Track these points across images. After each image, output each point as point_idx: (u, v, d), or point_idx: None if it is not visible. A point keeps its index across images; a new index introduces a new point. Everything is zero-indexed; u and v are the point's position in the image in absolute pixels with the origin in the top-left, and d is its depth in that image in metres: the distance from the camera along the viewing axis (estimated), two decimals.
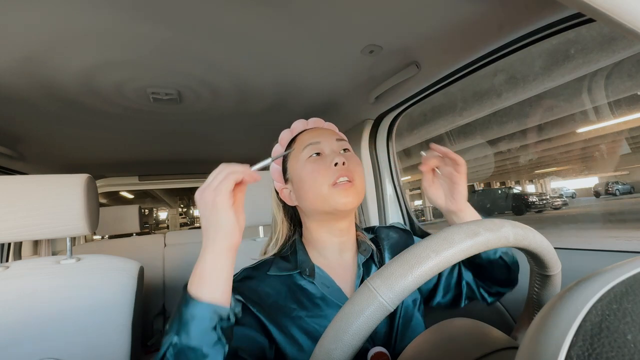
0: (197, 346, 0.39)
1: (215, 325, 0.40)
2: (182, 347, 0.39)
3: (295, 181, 0.63)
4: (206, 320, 0.40)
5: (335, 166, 0.58)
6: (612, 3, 0.35)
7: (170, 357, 0.39)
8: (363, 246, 0.67)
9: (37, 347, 0.86)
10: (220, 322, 0.41)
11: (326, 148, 0.63)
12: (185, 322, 0.40)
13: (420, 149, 4.66)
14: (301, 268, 0.61)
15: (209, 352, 0.39)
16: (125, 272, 1.01)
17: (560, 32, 0.71)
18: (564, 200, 11.26)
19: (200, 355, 0.39)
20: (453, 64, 0.91)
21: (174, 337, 0.40)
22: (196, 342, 0.39)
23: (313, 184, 0.59)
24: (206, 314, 0.40)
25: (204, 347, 0.39)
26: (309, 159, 0.61)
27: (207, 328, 0.40)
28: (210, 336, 0.40)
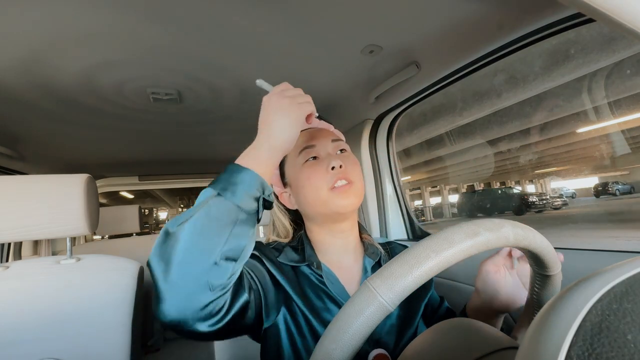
0: (240, 205, 0.41)
1: (259, 196, 0.43)
2: (223, 203, 0.40)
3: (293, 186, 0.63)
4: (253, 187, 0.42)
5: (333, 170, 0.58)
6: (612, 3, 0.35)
7: (209, 209, 0.40)
8: (371, 249, 0.66)
9: (37, 347, 0.86)
10: (262, 193, 0.43)
11: (322, 151, 0.62)
12: (234, 183, 0.42)
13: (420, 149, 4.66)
14: (309, 261, 0.61)
15: (244, 216, 0.41)
16: (125, 272, 1.01)
17: (560, 32, 0.71)
18: (564, 200, 11.28)
19: (236, 215, 0.40)
20: (453, 64, 0.91)
21: (216, 195, 0.41)
22: (240, 202, 0.41)
23: (311, 189, 0.59)
24: (254, 182, 0.42)
25: (243, 210, 0.41)
26: (306, 164, 0.61)
27: (251, 195, 0.42)
28: (251, 203, 0.42)
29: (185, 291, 0.37)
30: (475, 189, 15.75)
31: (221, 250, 0.39)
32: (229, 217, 0.40)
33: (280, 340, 0.55)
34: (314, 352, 0.31)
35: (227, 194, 0.41)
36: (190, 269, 0.37)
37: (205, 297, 0.38)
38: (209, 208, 0.40)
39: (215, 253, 0.38)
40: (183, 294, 0.37)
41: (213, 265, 0.38)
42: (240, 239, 0.41)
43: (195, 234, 0.38)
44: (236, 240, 0.40)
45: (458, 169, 12.25)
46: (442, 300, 0.71)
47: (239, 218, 0.41)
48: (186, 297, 0.37)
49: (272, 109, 0.49)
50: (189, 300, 0.37)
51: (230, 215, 0.40)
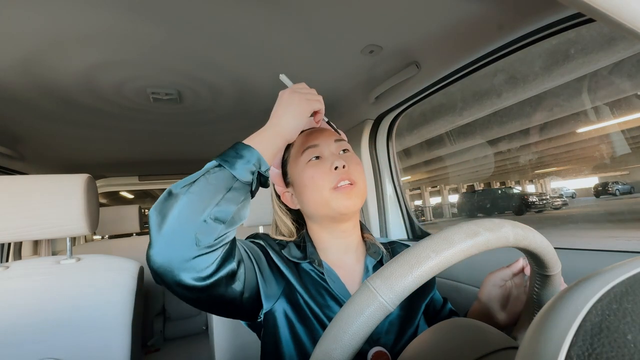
0: (235, 175, 0.46)
1: (255, 171, 0.48)
2: (221, 172, 0.45)
3: (296, 185, 0.63)
4: (251, 162, 0.47)
5: (336, 170, 0.58)
6: (612, 3, 0.35)
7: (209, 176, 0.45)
8: (373, 248, 0.66)
9: (37, 347, 0.86)
10: (259, 169, 0.48)
11: (325, 151, 0.62)
12: (234, 156, 0.47)
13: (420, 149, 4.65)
14: (310, 259, 0.61)
15: (238, 185, 0.46)
16: (125, 272, 1.01)
17: (560, 32, 0.71)
18: (564, 200, 11.27)
19: (231, 183, 0.45)
20: (453, 64, 0.91)
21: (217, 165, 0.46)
22: (236, 173, 0.46)
23: (314, 189, 0.59)
24: (253, 157, 0.48)
25: (238, 180, 0.46)
26: (309, 163, 0.61)
27: (248, 168, 0.47)
28: (247, 175, 0.47)
29: (174, 242, 0.41)
30: (475, 189, 15.75)
31: (212, 211, 0.43)
32: (224, 183, 0.45)
33: (279, 331, 0.55)
34: (314, 352, 0.31)
35: (227, 165, 0.46)
36: (181, 223, 0.42)
37: (190, 251, 0.41)
38: (209, 175, 0.45)
39: (206, 212, 0.43)
40: (171, 244, 0.41)
41: (202, 222, 0.42)
42: (230, 204, 0.45)
43: (193, 195, 0.43)
44: (227, 204, 0.44)
45: (458, 169, 12.25)
46: (445, 301, 0.70)
47: (233, 186, 0.45)
48: (173, 247, 0.41)
49: (283, 101, 0.55)
50: (176, 250, 0.41)
51: (226, 182, 0.45)
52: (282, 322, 0.55)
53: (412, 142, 7.19)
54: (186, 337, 2.08)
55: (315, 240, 0.65)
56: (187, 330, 2.10)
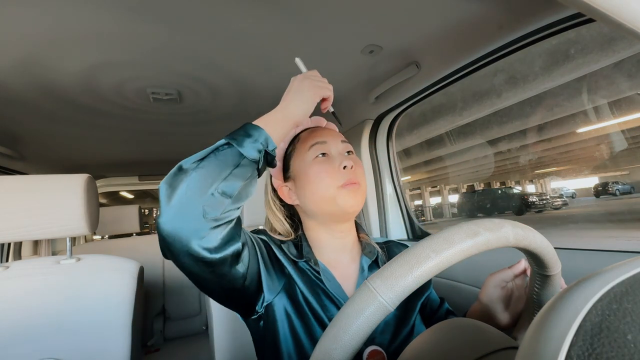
0: (243, 153, 0.47)
1: (262, 150, 0.49)
2: (229, 150, 0.47)
3: (299, 180, 0.63)
4: (259, 141, 0.49)
5: (344, 169, 0.59)
6: (612, 3, 0.35)
7: (217, 152, 0.47)
8: (368, 248, 0.66)
9: (37, 347, 0.86)
10: (266, 148, 0.50)
11: (332, 149, 0.63)
12: (242, 135, 0.49)
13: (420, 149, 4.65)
14: (306, 258, 0.62)
15: (245, 162, 0.48)
16: (125, 272, 1.01)
17: (560, 32, 0.71)
18: (564, 200, 11.27)
19: (238, 159, 0.47)
20: (453, 64, 0.91)
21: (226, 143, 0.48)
22: (243, 150, 0.47)
23: (320, 185, 0.59)
24: (261, 137, 0.49)
25: (245, 157, 0.47)
26: (316, 159, 0.61)
27: (255, 147, 0.48)
28: (254, 154, 0.48)
29: (182, 212, 0.43)
30: (475, 189, 15.75)
31: (219, 185, 0.45)
32: (232, 160, 0.47)
33: (277, 326, 0.55)
34: (314, 352, 0.31)
35: (236, 142, 0.48)
36: (189, 196, 0.43)
37: (198, 223, 0.43)
38: (217, 152, 0.47)
39: (214, 186, 0.44)
40: (179, 214, 0.43)
41: (210, 195, 0.44)
42: (237, 180, 0.47)
43: (203, 170, 0.45)
44: (234, 180, 0.46)
45: (458, 169, 12.25)
46: (442, 301, 0.70)
47: (240, 163, 0.47)
48: (182, 217, 0.43)
49: (294, 86, 0.57)
50: (184, 220, 0.43)
51: (234, 159, 0.47)
52: (282, 317, 0.56)
53: (412, 142, 7.19)
54: (186, 337, 2.08)
55: (312, 239, 0.65)
56: (187, 330, 2.10)
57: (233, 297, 0.53)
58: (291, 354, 0.54)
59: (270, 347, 0.56)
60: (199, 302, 2.14)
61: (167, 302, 2.08)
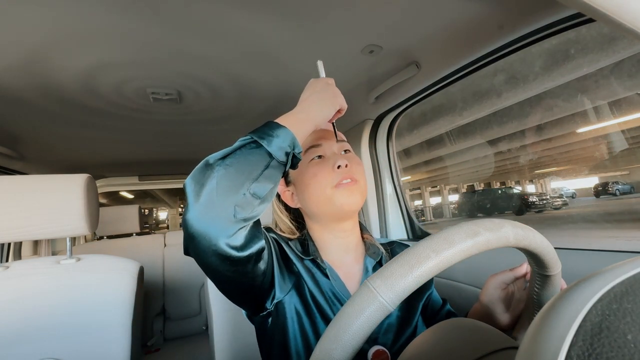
0: (272, 154, 0.46)
1: (290, 152, 0.48)
2: (258, 149, 0.46)
3: (298, 184, 0.64)
4: (287, 141, 0.47)
5: (339, 169, 0.59)
6: (612, 3, 0.35)
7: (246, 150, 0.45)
8: (372, 249, 0.67)
9: (37, 347, 0.86)
10: (293, 150, 0.48)
11: (327, 150, 0.64)
12: (271, 135, 0.47)
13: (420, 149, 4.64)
14: (313, 256, 0.62)
15: (274, 164, 0.46)
16: (125, 272, 1.01)
17: (560, 32, 0.71)
18: (564, 200, 11.26)
19: (267, 161, 0.45)
20: (453, 64, 0.91)
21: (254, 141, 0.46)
22: (273, 151, 0.46)
23: (316, 187, 0.60)
24: (288, 137, 0.47)
25: (274, 159, 0.46)
26: (311, 162, 0.62)
27: (283, 148, 0.47)
28: (281, 155, 0.47)
29: (212, 210, 0.42)
30: (476, 189, 15.74)
31: (251, 186, 0.44)
32: (262, 161, 0.45)
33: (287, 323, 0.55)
34: (314, 352, 0.31)
35: (264, 142, 0.46)
36: (220, 194, 0.42)
37: (227, 222, 0.42)
38: (245, 150, 0.45)
39: (245, 186, 0.43)
40: (209, 212, 0.41)
41: (242, 195, 0.43)
42: (268, 181, 0.45)
43: (230, 168, 0.43)
44: (265, 181, 0.45)
45: (458, 169, 12.25)
46: (444, 302, 0.70)
47: (269, 164, 0.46)
48: (212, 215, 0.42)
49: (318, 89, 0.56)
50: (213, 219, 0.42)
51: (264, 160, 0.45)
52: (292, 315, 0.56)
53: (412, 142, 7.19)
54: (186, 337, 2.08)
55: (316, 239, 0.66)
56: (187, 330, 2.10)
57: (248, 294, 0.53)
58: (300, 352, 0.54)
59: (278, 346, 0.56)
60: (199, 302, 2.14)
61: (167, 302, 2.08)
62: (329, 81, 0.59)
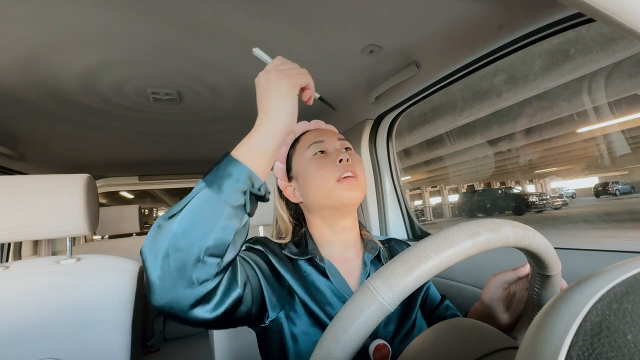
0: (225, 200, 0.40)
1: (246, 190, 0.41)
2: (210, 197, 0.40)
3: (300, 178, 0.65)
4: (240, 181, 0.41)
5: (340, 162, 0.61)
6: (612, 3, 0.35)
7: (197, 203, 0.40)
8: (370, 245, 0.68)
9: (37, 347, 0.86)
10: (251, 188, 0.42)
11: (330, 146, 0.65)
12: (221, 176, 0.41)
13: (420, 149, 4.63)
14: (312, 254, 0.62)
15: (231, 211, 0.40)
16: (125, 272, 1.01)
17: (560, 32, 0.71)
18: (564, 201, 11.25)
19: (222, 209, 0.40)
20: (453, 64, 0.91)
21: (205, 187, 0.41)
22: (225, 197, 0.40)
23: (319, 180, 0.61)
24: (242, 175, 0.41)
25: (229, 205, 0.40)
26: (314, 157, 0.64)
27: (238, 189, 0.41)
28: (238, 197, 0.41)
29: (172, 284, 0.38)
30: (476, 189, 15.74)
31: (206, 246, 0.39)
32: (215, 211, 0.40)
33: (284, 335, 0.55)
34: (314, 352, 0.31)
35: (214, 187, 0.40)
36: (175, 264, 0.38)
37: (191, 291, 0.39)
38: (196, 202, 0.40)
39: (201, 249, 0.38)
40: (169, 286, 0.38)
41: (197, 262, 0.38)
42: (225, 234, 0.40)
43: (182, 228, 0.38)
44: (222, 235, 0.40)
45: (458, 169, 12.24)
46: (443, 298, 0.71)
47: (225, 212, 0.40)
48: (172, 289, 0.38)
49: (262, 87, 0.47)
50: (176, 292, 0.38)
51: (217, 209, 0.40)
52: (286, 327, 0.56)
53: (412, 142, 7.19)
54: (186, 337, 2.08)
55: (316, 236, 0.67)
56: (187, 330, 2.10)
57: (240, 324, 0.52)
58: (300, 353, 0.54)
59: (277, 347, 0.56)
60: None
61: None
62: (271, 66, 0.48)
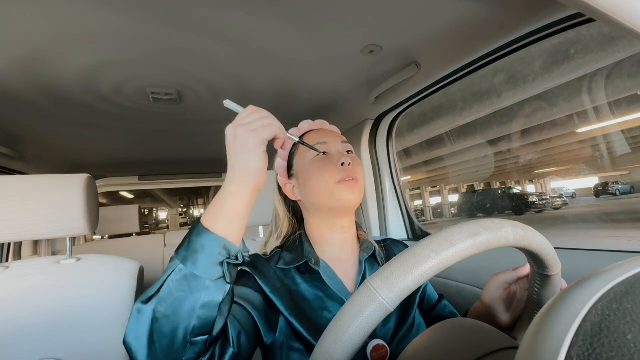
0: (202, 276, 0.38)
1: (223, 261, 0.40)
2: (186, 274, 0.38)
3: (301, 177, 0.66)
4: (215, 253, 0.40)
5: (342, 166, 0.61)
6: (612, 3, 0.35)
7: (173, 282, 0.38)
8: (365, 244, 0.69)
9: (37, 347, 0.86)
10: (228, 258, 0.41)
11: (333, 148, 0.66)
12: (194, 251, 0.39)
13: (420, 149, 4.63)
14: (307, 258, 0.62)
15: (211, 285, 0.39)
16: (125, 272, 1.01)
17: (560, 32, 0.71)
18: (564, 200, 11.26)
19: (202, 285, 0.38)
20: (453, 64, 0.91)
21: (180, 264, 0.39)
22: (201, 272, 0.39)
23: (320, 180, 0.62)
24: (216, 247, 0.40)
25: (207, 279, 0.39)
26: (317, 157, 0.64)
27: (214, 261, 0.39)
28: (215, 270, 0.39)
29: None
30: (476, 189, 15.75)
31: (191, 328, 0.38)
32: (193, 289, 0.38)
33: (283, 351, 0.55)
34: (314, 352, 0.31)
35: (189, 264, 0.39)
36: (162, 350, 0.37)
37: None
38: (173, 280, 0.38)
39: (187, 331, 0.37)
40: None
41: (184, 345, 0.37)
42: (209, 311, 0.39)
43: (162, 312, 0.37)
44: (205, 313, 0.38)
45: (458, 169, 12.24)
46: (440, 297, 0.71)
47: (204, 287, 0.38)
48: None
49: (229, 143, 0.45)
50: None
51: (195, 286, 0.38)
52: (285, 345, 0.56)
53: (412, 142, 7.19)
54: None
55: (313, 236, 0.67)
56: None
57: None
58: (299, 353, 0.54)
59: (278, 349, 0.56)
60: None
61: None
62: (238, 121, 0.46)
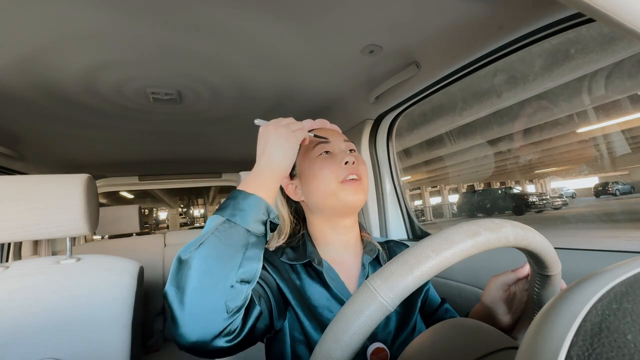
0: (249, 229, 0.43)
1: (266, 220, 0.46)
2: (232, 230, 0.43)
3: (304, 177, 0.65)
4: (260, 211, 0.45)
5: (346, 164, 0.61)
6: (612, 3, 0.35)
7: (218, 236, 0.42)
8: (369, 246, 0.68)
9: (37, 347, 0.86)
10: (268, 217, 0.46)
11: (335, 147, 0.65)
12: (242, 209, 0.44)
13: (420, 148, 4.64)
14: (310, 257, 0.62)
15: (254, 240, 0.44)
16: (125, 272, 1.01)
17: (560, 32, 0.71)
18: (564, 200, 11.26)
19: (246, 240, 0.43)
20: (453, 64, 0.91)
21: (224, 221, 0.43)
22: (248, 225, 0.43)
23: (323, 180, 0.61)
24: (260, 206, 0.46)
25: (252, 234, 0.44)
26: (320, 157, 0.64)
27: (258, 219, 0.45)
28: (259, 227, 0.45)
29: (203, 316, 0.39)
30: (476, 189, 15.75)
31: (237, 274, 0.41)
32: (240, 241, 0.43)
33: (285, 345, 0.55)
34: (314, 352, 0.31)
35: (237, 219, 0.43)
36: (206, 295, 0.39)
37: (222, 321, 0.40)
38: (220, 234, 0.42)
39: (231, 277, 0.40)
40: (201, 319, 0.39)
41: (230, 288, 0.40)
42: (253, 262, 0.43)
43: (209, 260, 0.40)
44: (250, 263, 0.43)
45: (458, 169, 12.24)
46: (443, 301, 0.71)
47: (249, 241, 0.43)
48: (204, 322, 0.39)
49: (270, 139, 0.52)
50: (207, 324, 0.39)
51: (242, 239, 0.43)
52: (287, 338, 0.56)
53: (412, 142, 7.19)
54: None
55: (316, 236, 0.66)
56: None
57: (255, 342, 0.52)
58: (300, 354, 0.54)
59: (278, 349, 0.56)
60: None
61: None
62: (279, 123, 0.55)
